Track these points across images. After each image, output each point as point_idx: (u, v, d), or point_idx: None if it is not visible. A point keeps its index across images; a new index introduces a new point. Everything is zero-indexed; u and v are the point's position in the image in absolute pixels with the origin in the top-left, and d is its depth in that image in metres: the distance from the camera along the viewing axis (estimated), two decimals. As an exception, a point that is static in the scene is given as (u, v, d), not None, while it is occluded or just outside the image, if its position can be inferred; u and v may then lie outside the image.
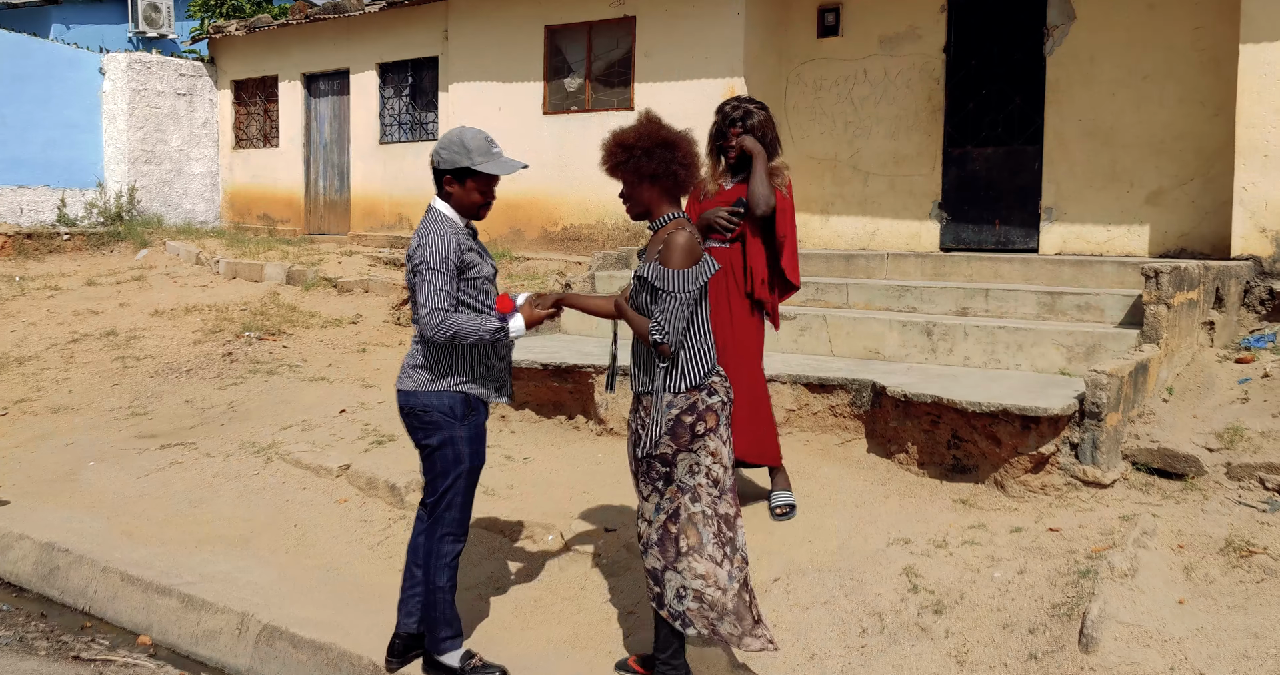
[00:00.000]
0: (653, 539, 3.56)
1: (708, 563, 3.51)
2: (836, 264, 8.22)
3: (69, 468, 6.52)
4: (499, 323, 3.69)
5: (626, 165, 3.55)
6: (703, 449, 3.52)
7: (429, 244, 3.63)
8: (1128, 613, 3.87)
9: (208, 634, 4.52)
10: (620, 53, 10.77)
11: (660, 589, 3.54)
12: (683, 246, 3.47)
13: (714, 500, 3.54)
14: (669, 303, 3.45)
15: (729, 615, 3.52)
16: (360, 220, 13.54)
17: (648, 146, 3.52)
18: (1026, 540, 4.57)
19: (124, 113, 14.45)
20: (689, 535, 3.51)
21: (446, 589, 3.82)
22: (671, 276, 3.46)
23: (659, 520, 3.55)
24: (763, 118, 4.97)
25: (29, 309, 10.38)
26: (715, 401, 3.56)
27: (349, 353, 8.62)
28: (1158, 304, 5.67)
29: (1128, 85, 8.39)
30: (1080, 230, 8.65)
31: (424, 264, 3.61)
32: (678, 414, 3.50)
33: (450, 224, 3.72)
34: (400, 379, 3.83)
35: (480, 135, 3.76)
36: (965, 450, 5.20)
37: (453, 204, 3.77)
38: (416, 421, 3.78)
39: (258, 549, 5.26)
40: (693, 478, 3.52)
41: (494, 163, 3.74)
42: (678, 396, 3.51)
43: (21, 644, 4.62)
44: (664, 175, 3.54)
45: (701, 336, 3.58)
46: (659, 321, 3.46)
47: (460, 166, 3.70)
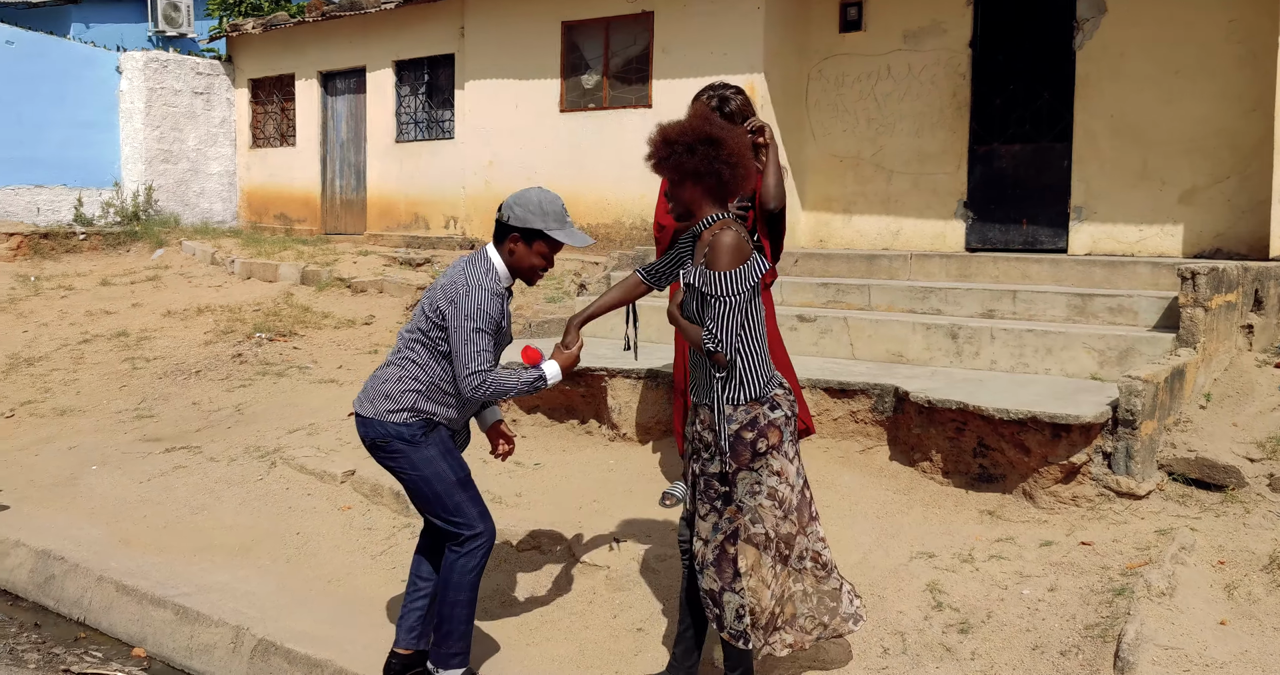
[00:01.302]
0: (709, 559, 3.35)
1: (759, 582, 3.33)
2: (858, 264, 8.00)
3: (71, 472, 6.40)
4: (536, 373, 3.54)
5: (668, 161, 3.34)
6: (764, 468, 3.30)
7: (477, 301, 3.46)
8: (1166, 635, 3.65)
9: (202, 648, 4.36)
10: (638, 49, 10.58)
11: (720, 611, 3.36)
12: (729, 247, 3.24)
13: (777, 521, 3.32)
14: (719, 308, 3.23)
15: (758, 630, 3.36)
16: (376, 220, 13.41)
17: (690, 142, 3.30)
18: (1057, 555, 4.35)
19: (141, 112, 14.39)
20: (747, 556, 3.31)
21: (464, 603, 3.64)
22: (719, 280, 3.23)
23: (716, 540, 3.33)
24: (741, 102, 4.85)
25: (42, 309, 10.30)
26: (778, 416, 3.32)
27: (360, 354, 8.47)
28: (1195, 306, 5.43)
29: (1160, 80, 8.12)
30: (1111, 230, 8.39)
31: (470, 321, 3.45)
32: (738, 430, 3.27)
33: (499, 282, 3.55)
34: (360, 399, 3.69)
35: (557, 201, 3.60)
36: (992, 459, 4.98)
37: (509, 261, 3.60)
38: (382, 454, 3.66)
39: (258, 558, 5.10)
40: (753, 498, 3.30)
41: (567, 233, 3.58)
42: (738, 410, 3.28)
43: (11, 656, 4.48)
44: (707, 173, 3.31)
45: (757, 343, 3.34)
46: (710, 329, 3.24)
47: (532, 228, 3.53)
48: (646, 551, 4.58)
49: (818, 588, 3.51)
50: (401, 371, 3.61)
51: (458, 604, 3.62)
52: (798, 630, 3.44)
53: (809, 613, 3.47)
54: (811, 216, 9.94)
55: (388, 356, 3.73)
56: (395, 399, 3.59)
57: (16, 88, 13.51)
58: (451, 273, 3.58)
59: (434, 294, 3.58)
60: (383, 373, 3.67)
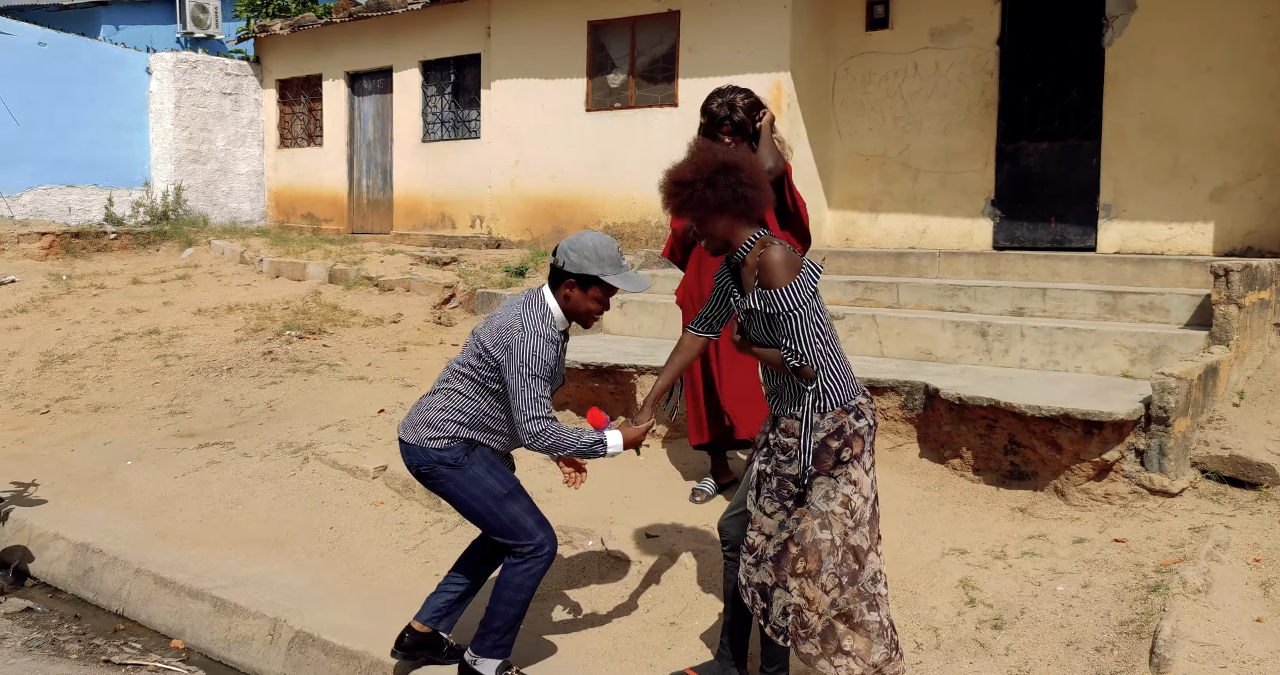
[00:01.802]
0: (768, 554, 3.34)
1: (817, 590, 3.28)
2: (886, 262, 7.99)
3: (107, 467, 6.48)
4: (597, 436, 3.55)
5: (691, 201, 3.30)
6: (843, 476, 3.28)
7: (533, 349, 3.46)
8: (1201, 631, 3.64)
9: (240, 639, 4.42)
10: (664, 48, 10.60)
11: (767, 605, 3.35)
12: (780, 262, 3.21)
13: (847, 530, 3.29)
14: (792, 323, 3.21)
15: (815, 637, 3.30)
16: (403, 219, 13.49)
17: (708, 175, 3.26)
18: (1090, 552, 4.34)
19: (170, 112, 14.53)
20: (809, 559, 3.28)
21: (519, 603, 3.63)
22: (783, 296, 3.20)
23: (780, 538, 3.32)
24: (747, 104, 4.97)
25: (74, 307, 10.42)
26: (862, 426, 3.31)
27: (389, 352, 8.53)
28: (1228, 304, 5.40)
29: (1191, 77, 8.07)
30: (1140, 228, 8.34)
31: (525, 368, 3.46)
32: (824, 438, 3.26)
33: (554, 328, 3.55)
34: (403, 426, 3.71)
35: (613, 245, 3.59)
36: (1023, 456, 4.97)
37: (564, 305, 3.59)
38: (428, 481, 3.67)
39: (292, 552, 5.16)
40: (827, 504, 3.28)
41: (623, 278, 3.57)
42: (824, 417, 3.27)
43: (53, 646, 4.55)
44: (734, 201, 3.27)
45: (833, 348, 3.33)
46: (789, 346, 3.23)
47: (588, 274, 3.52)
48: (678, 545, 4.61)
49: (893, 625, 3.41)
50: (447, 402, 3.63)
51: (512, 604, 3.63)
52: (869, 665, 3.29)
53: (885, 649, 3.32)
54: (837, 215, 9.93)
55: (435, 384, 3.74)
56: (438, 427, 3.61)
57: (49, 89, 13.66)
58: (507, 315, 3.56)
59: (488, 332, 3.57)
60: (428, 401, 3.69)
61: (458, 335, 8.96)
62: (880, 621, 3.33)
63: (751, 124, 4.99)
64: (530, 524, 3.63)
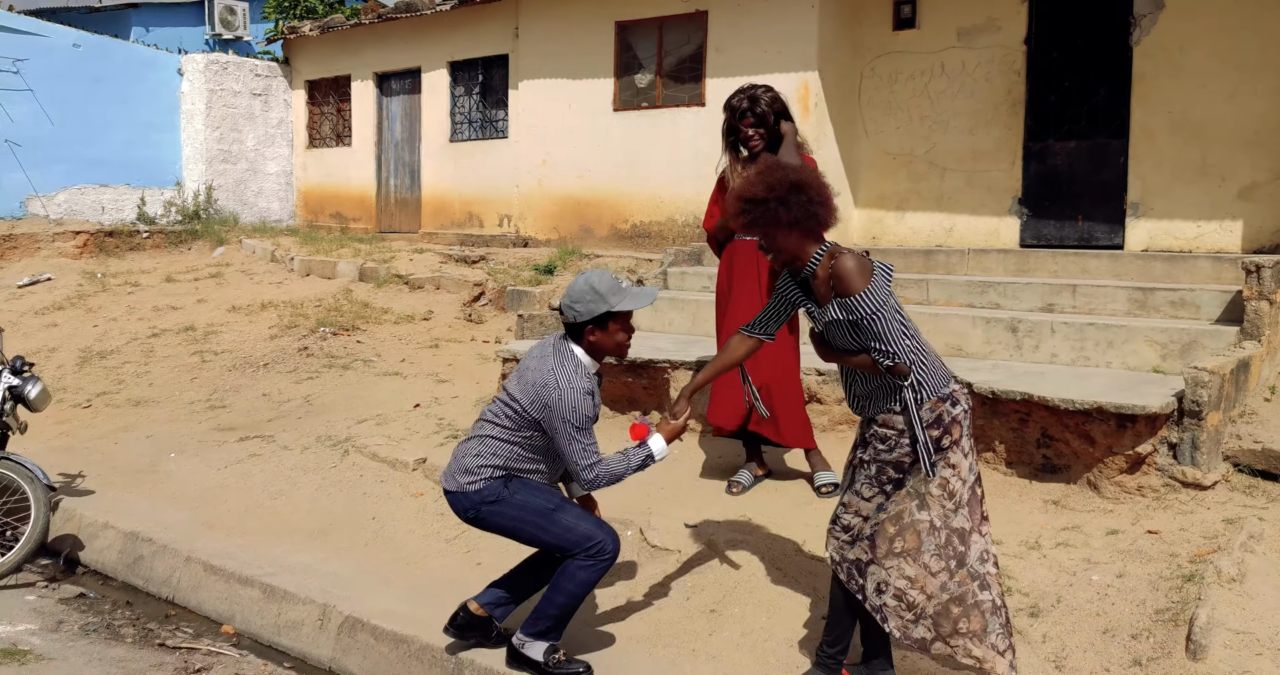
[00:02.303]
0: (866, 533, 3.45)
1: (919, 569, 3.38)
2: (915, 260, 8.05)
3: (150, 459, 6.62)
4: (644, 454, 3.68)
5: (763, 219, 3.40)
6: (942, 461, 3.38)
7: (571, 404, 3.60)
8: (1237, 619, 3.70)
9: (289, 625, 4.53)
10: (691, 48, 10.69)
11: (862, 581, 3.46)
12: (853, 269, 3.32)
13: (947, 513, 3.39)
14: (877, 325, 3.31)
15: (925, 619, 3.39)
16: (431, 218, 13.62)
17: (781, 195, 3.37)
18: (1124, 543, 4.40)
19: (201, 113, 14.71)
20: (907, 539, 3.39)
21: (576, 595, 3.74)
22: (863, 301, 3.30)
23: (878, 519, 3.43)
24: (770, 98, 5.07)
25: (110, 305, 10.60)
26: (959, 412, 3.41)
27: (422, 348, 8.65)
28: (1259, 299, 5.45)
29: (1220, 75, 8.10)
30: (1168, 226, 8.37)
31: (568, 424, 3.60)
32: (924, 428, 3.36)
33: (588, 376, 3.69)
34: (445, 475, 3.85)
35: (606, 276, 3.73)
36: (1056, 450, 5.03)
37: (593, 349, 3.73)
38: (480, 524, 3.81)
39: (337, 541, 5.27)
40: (925, 486, 3.39)
41: (630, 298, 3.70)
42: (923, 408, 3.36)
43: (109, 631, 4.68)
44: (805, 218, 3.38)
45: (921, 343, 3.42)
46: (879, 348, 3.33)
47: (600, 313, 3.66)
48: (716, 535, 4.69)
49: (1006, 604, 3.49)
50: (480, 446, 3.77)
51: (571, 595, 3.73)
52: (989, 647, 3.39)
53: (1000, 628, 3.41)
54: (864, 214, 9.99)
55: (471, 429, 3.89)
56: (474, 472, 3.75)
57: (83, 89, 13.86)
58: (540, 370, 3.68)
59: (522, 389, 3.70)
60: (463, 448, 3.83)
61: (488, 332, 9.08)
62: (993, 600, 3.42)
63: (774, 116, 5.05)
64: (586, 527, 3.74)
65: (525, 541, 3.81)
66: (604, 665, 3.84)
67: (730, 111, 5.10)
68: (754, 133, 5.05)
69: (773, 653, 3.93)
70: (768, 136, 5.07)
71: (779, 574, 4.40)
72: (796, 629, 4.05)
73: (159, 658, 4.39)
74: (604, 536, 3.73)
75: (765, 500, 5.09)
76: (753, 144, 5.07)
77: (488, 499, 3.73)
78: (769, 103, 5.05)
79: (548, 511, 3.73)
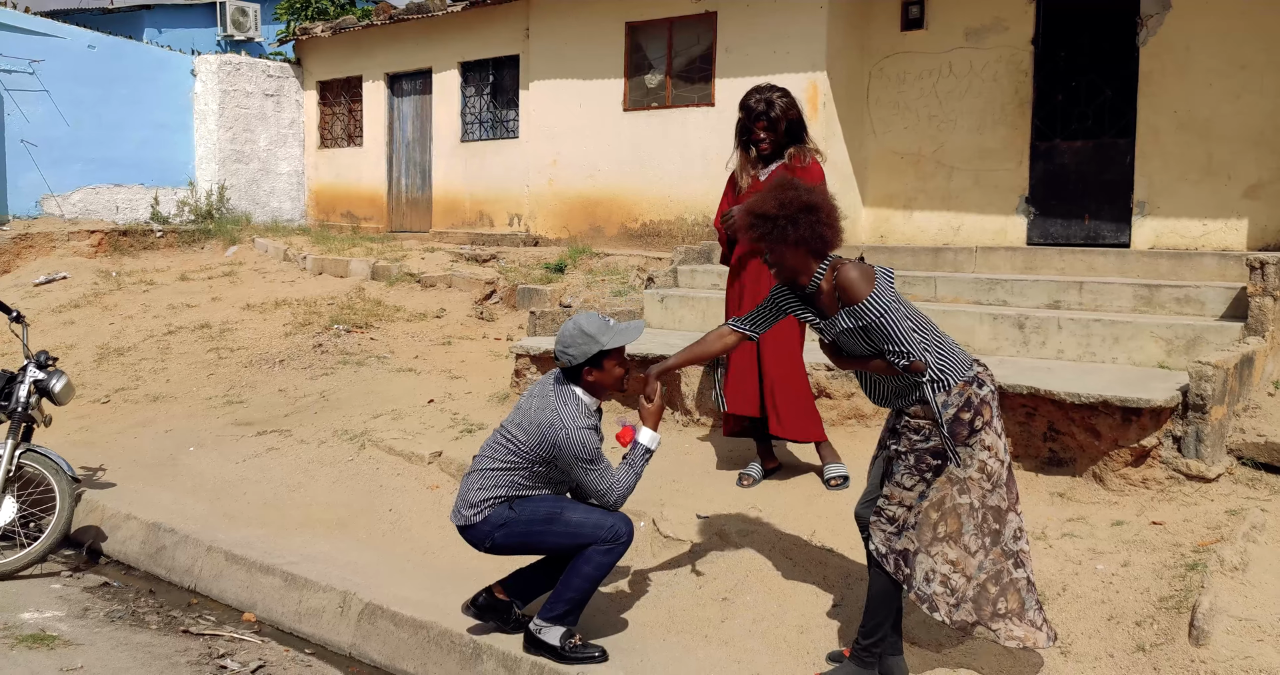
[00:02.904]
0: (910, 522, 3.53)
1: (960, 551, 3.49)
2: (923, 258, 8.14)
3: (170, 453, 6.73)
4: (641, 450, 3.88)
5: (772, 235, 3.51)
6: (978, 443, 3.48)
7: (579, 441, 3.77)
8: (1239, 607, 3.77)
9: (310, 612, 4.63)
10: (701, 48, 10.78)
11: (910, 570, 3.54)
12: (856, 278, 3.44)
13: (985, 493, 3.50)
14: (886, 327, 3.40)
15: (966, 603, 3.50)
16: (442, 217, 13.74)
17: (791, 214, 3.48)
18: (1129, 534, 4.48)
19: (214, 113, 14.85)
20: (949, 523, 3.50)
21: (592, 581, 3.86)
22: (870, 306, 3.40)
23: (921, 506, 3.52)
24: (785, 104, 5.14)
25: (126, 303, 10.72)
26: (986, 392, 3.51)
27: (434, 345, 8.76)
28: (1263, 296, 5.52)
29: (1226, 75, 8.17)
30: (1174, 225, 8.45)
31: (580, 459, 3.78)
32: (955, 412, 3.45)
33: (590, 413, 3.87)
34: (454, 512, 3.99)
35: (593, 317, 3.87)
36: (1062, 443, 5.11)
37: (595, 388, 3.90)
38: (498, 550, 3.96)
39: (355, 532, 5.38)
40: (964, 471, 3.48)
41: (619, 335, 3.85)
42: (951, 394, 3.45)
43: (134, 618, 4.78)
44: (811, 238, 3.50)
45: (935, 335, 3.52)
46: (891, 349, 3.42)
47: (594, 354, 3.80)
48: (727, 526, 4.78)
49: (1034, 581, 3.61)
50: (482, 480, 3.92)
51: (588, 579, 3.85)
52: (1028, 624, 3.52)
53: (1035, 604, 3.56)
54: (872, 213, 10.08)
55: (472, 463, 4.03)
56: (477, 505, 3.90)
57: (97, 90, 14.01)
58: (541, 412, 3.83)
59: (524, 429, 3.85)
60: (468, 481, 3.97)
61: (500, 329, 9.19)
62: (1027, 577, 3.55)
63: (786, 123, 5.14)
64: (596, 517, 3.86)
65: (545, 551, 3.95)
66: (619, 650, 3.94)
67: (746, 112, 5.18)
68: (765, 135, 5.14)
69: (783, 639, 4.02)
70: (777, 141, 5.17)
71: (789, 563, 4.48)
72: (806, 616, 4.14)
73: (183, 643, 4.49)
74: (615, 520, 3.85)
75: (775, 492, 5.18)
76: (762, 146, 5.18)
77: (496, 524, 3.87)
78: (783, 109, 5.12)
79: (554, 516, 3.86)
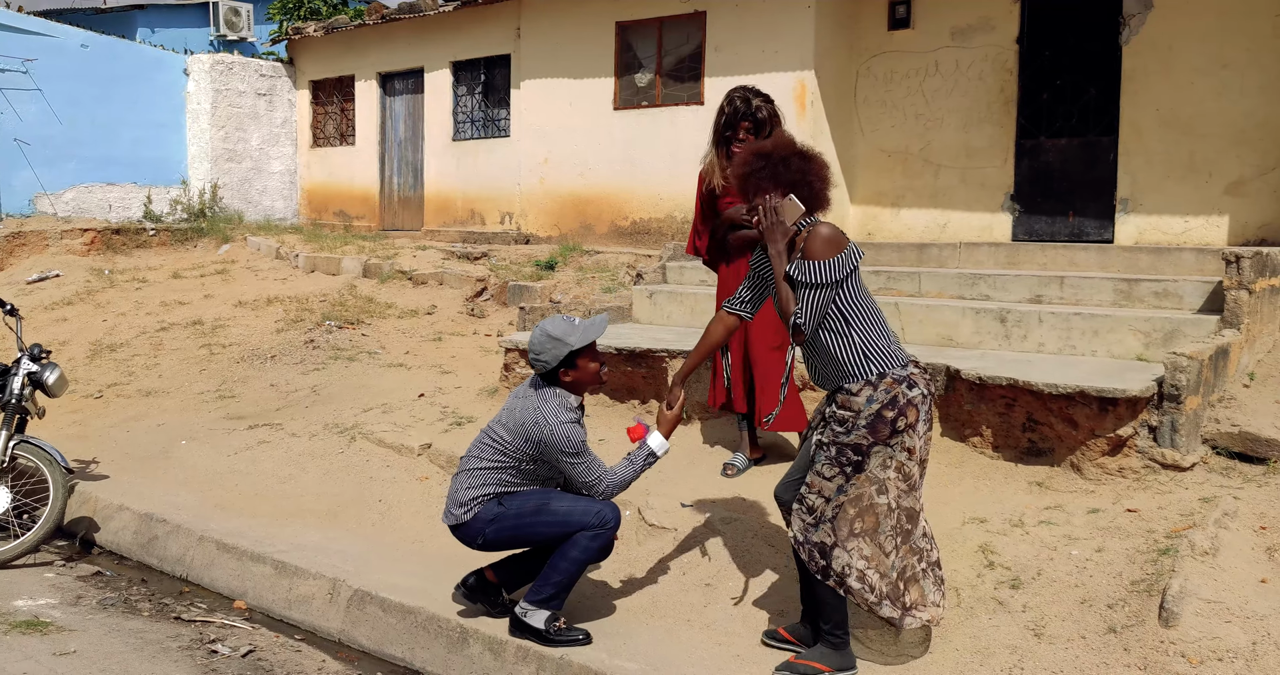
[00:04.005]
0: (828, 515, 3.61)
1: (875, 548, 3.59)
2: (909, 253, 8.23)
3: (162, 446, 6.79)
4: (645, 452, 3.95)
5: (763, 172, 3.59)
6: (899, 445, 3.56)
7: (565, 435, 3.87)
8: (1209, 590, 3.86)
9: (300, 599, 4.70)
10: (690, 47, 10.87)
11: (825, 562, 3.61)
12: (825, 237, 3.53)
13: (901, 494, 3.60)
14: (805, 293, 3.50)
15: (886, 599, 3.62)
16: (434, 216, 13.80)
17: (785, 155, 3.58)
18: (1104, 521, 4.57)
19: (207, 112, 14.90)
20: (865, 520, 3.58)
21: (578, 564, 3.93)
22: (809, 268, 3.50)
23: (838, 500, 3.60)
24: (769, 111, 5.17)
25: (118, 300, 10.77)
26: (915, 395, 3.57)
27: (425, 341, 8.82)
28: (1239, 289, 5.61)
29: (1208, 74, 8.28)
30: (1157, 221, 8.55)
31: (566, 453, 3.88)
32: (879, 409, 3.52)
33: (572, 409, 3.95)
34: (445, 512, 4.10)
35: (557, 320, 3.97)
36: (1041, 433, 5.20)
37: (575, 387, 3.98)
38: (490, 547, 4.05)
39: (345, 522, 5.45)
40: (884, 471, 3.57)
41: (585, 332, 3.94)
42: (878, 389, 3.52)
43: (126, 605, 4.85)
44: (801, 183, 3.57)
45: (874, 321, 3.59)
46: (798, 309, 3.52)
47: (566, 355, 3.90)
48: (711, 515, 4.86)
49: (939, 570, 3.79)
50: (470, 479, 4.03)
51: (575, 562, 3.93)
52: (932, 605, 3.72)
53: (934, 584, 3.75)
54: (860, 210, 10.17)
55: (460, 463, 4.13)
56: (466, 503, 4.02)
57: (91, 89, 14.05)
58: (525, 412, 3.94)
59: (509, 429, 3.96)
60: (457, 481, 4.08)
61: (490, 326, 9.26)
62: (924, 566, 3.71)
63: (771, 126, 5.19)
64: (583, 505, 3.94)
65: (537, 542, 4.02)
66: (603, 633, 4.02)
67: (732, 108, 5.19)
68: (746, 138, 5.19)
69: (764, 623, 4.11)
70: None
71: (771, 550, 4.57)
72: (786, 601, 4.22)
73: (175, 630, 4.56)
74: (602, 507, 3.93)
75: (759, 482, 5.26)
76: (735, 146, 5.22)
77: (486, 519, 3.97)
78: (768, 116, 5.16)
79: (542, 506, 3.96)
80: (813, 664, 3.65)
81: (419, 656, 4.22)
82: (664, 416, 3.94)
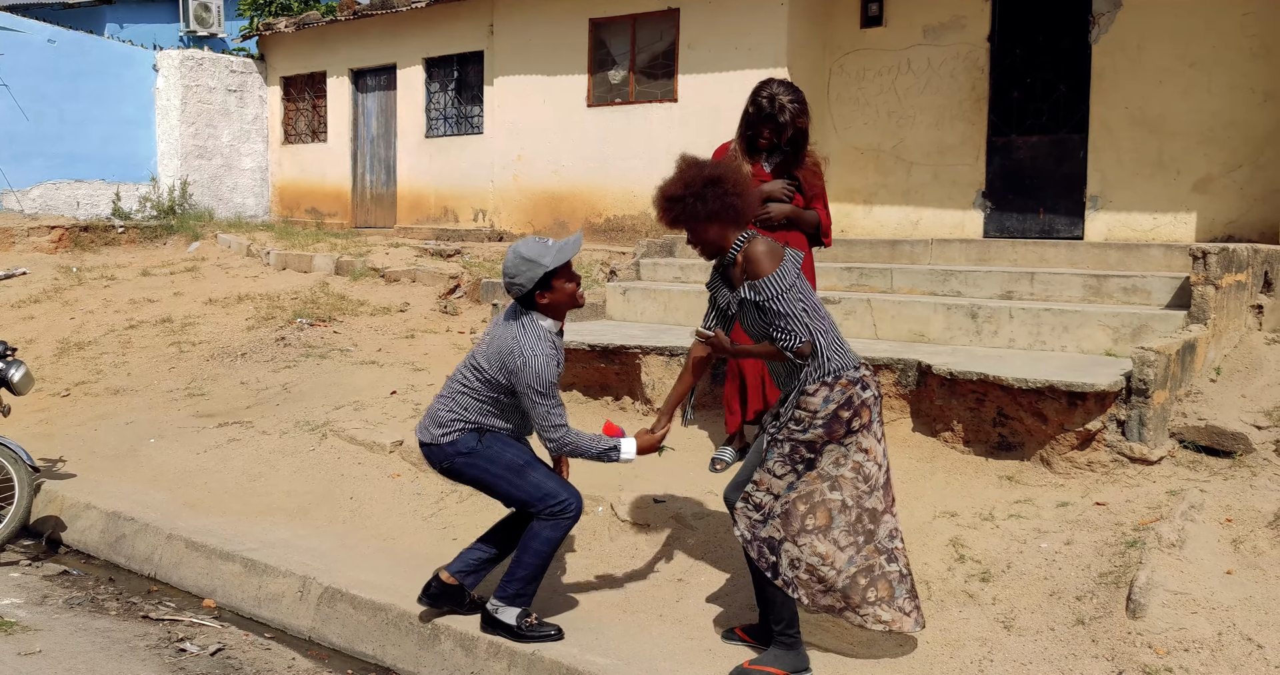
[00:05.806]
0: (776, 511, 3.61)
1: (829, 545, 3.57)
2: (881, 250, 8.26)
3: (130, 445, 6.72)
4: (611, 443, 3.87)
5: (684, 215, 3.63)
6: (854, 445, 3.58)
7: (536, 369, 3.76)
8: (1175, 581, 3.90)
9: (270, 597, 4.66)
10: (664, 45, 10.87)
11: (775, 558, 3.61)
12: (764, 253, 3.55)
13: (861, 495, 3.59)
14: (780, 305, 3.50)
15: (834, 592, 3.60)
16: (406, 213, 13.74)
17: (698, 190, 3.60)
18: (1073, 514, 4.60)
19: (177, 109, 14.77)
20: (817, 516, 3.58)
21: (544, 557, 3.89)
22: (767, 284, 3.52)
23: (788, 497, 3.60)
24: (795, 110, 5.08)
25: (86, 298, 10.65)
26: (868, 396, 3.60)
27: (398, 339, 8.77)
28: (1205, 285, 5.67)
29: (1176, 72, 8.36)
30: (1126, 218, 8.63)
31: (534, 388, 3.77)
32: (835, 409, 3.54)
33: (550, 338, 3.87)
34: (420, 427, 4.02)
35: (530, 241, 3.89)
36: (1011, 428, 5.23)
37: (552, 309, 3.89)
38: (453, 475, 4.00)
39: (316, 520, 5.41)
40: (837, 469, 3.58)
41: (559, 252, 3.86)
42: (834, 390, 3.54)
43: (93, 604, 4.80)
44: (722, 210, 3.60)
45: (826, 325, 3.61)
46: (781, 327, 3.51)
47: (541, 276, 3.82)
48: (684, 510, 4.87)
49: (911, 572, 3.75)
50: (452, 403, 3.97)
51: (539, 555, 3.90)
52: (896, 609, 3.65)
53: (906, 594, 3.68)
54: (833, 207, 10.12)
55: (443, 388, 4.07)
56: (446, 425, 3.94)
57: (58, 85, 13.90)
58: (504, 339, 3.86)
59: (487, 356, 3.89)
60: (436, 404, 4.02)
61: (463, 323, 9.22)
62: (900, 570, 3.67)
63: (793, 131, 5.14)
64: (552, 486, 3.91)
65: (495, 494, 3.98)
66: (575, 628, 4.01)
67: (756, 110, 5.11)
68: (768, 134, 5.19)
69: (735, 617, 4.11)
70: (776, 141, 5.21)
71: (744, 545, 4.57)
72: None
73: (142, 629, 4.52)
74: (567, 495, 3.91)
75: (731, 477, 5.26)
76: (760, 142, 5.24)
77: (461, 450, 3.91)
78: (793, 115, 5.06)
79: (518, 467, 3.91)
80: (766, 669, 3.63)
81: (390, 654, 4.20)
82: (644, 436, 3.93)
